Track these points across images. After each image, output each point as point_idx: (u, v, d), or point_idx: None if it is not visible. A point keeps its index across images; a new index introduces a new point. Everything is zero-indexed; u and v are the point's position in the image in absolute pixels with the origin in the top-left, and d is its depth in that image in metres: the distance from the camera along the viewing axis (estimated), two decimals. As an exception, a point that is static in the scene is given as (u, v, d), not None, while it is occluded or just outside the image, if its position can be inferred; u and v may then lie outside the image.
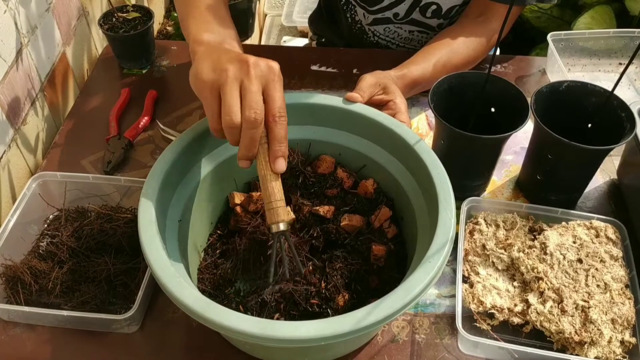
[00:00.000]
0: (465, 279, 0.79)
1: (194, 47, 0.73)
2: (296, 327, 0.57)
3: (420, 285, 0.60)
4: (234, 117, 0.62)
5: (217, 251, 0.80)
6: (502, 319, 0.75)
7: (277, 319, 0.70)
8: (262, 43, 2.11)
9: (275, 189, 0.64)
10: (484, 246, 0.81)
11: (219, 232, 0.83)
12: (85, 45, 1.22)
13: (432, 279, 0.61)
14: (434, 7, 1.09)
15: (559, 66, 1.06)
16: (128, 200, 0.88)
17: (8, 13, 0.93)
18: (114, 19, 1.12)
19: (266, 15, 2.20)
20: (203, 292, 0.74)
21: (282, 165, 0.64)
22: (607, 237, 0.81)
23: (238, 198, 0.80)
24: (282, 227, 0.65)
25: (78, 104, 1.10)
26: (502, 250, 0.80)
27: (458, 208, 0.70)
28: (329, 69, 1.15)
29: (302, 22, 2.02)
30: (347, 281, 0.74)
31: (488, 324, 0.75)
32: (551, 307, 0.74)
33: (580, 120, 0.85)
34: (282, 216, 0.64)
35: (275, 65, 0.65)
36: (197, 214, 0.78)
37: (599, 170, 0.88)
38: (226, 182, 0.82)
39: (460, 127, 0.80)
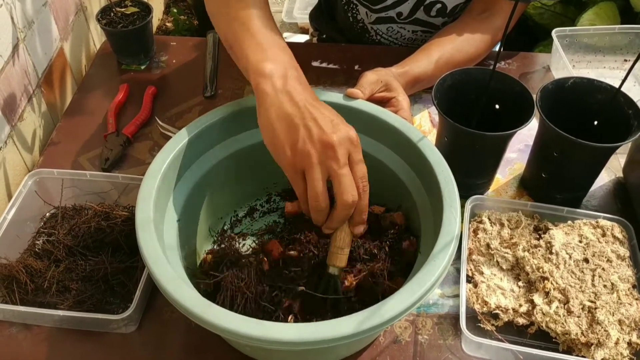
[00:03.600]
0: (469, 279, 0.78)
1: (257, 80, 0.68)
2: (298, 329, 0.56)
3: (425, 286, 0.59)
4: (322, 204, 0.65)
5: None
6: (506, 319, 0.74)
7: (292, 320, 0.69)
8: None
9: (346, 240, 0.68)
10: (488, 245, 0.80)
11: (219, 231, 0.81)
12: (83, 40, 1.21)
13: (438, 279, 0.60)
14: (438, 5, 1.07)
15: (563, 63, 1.04)
16: (126, 198, 0.87)
17: (4, 7, 0.92)
18: (112, 14, 1.11)
19: (266, 11, 2.19)
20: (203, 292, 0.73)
21: (361, 230, 0.68)
22: (614, 237, 0.80)
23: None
24: (337, 272, 0.69)
25: (75, 100, 1.09)
26: (507, 250, 0.79)
27: (462, 206, 0.69)
28: (330, 65, 1.14)
29: (303, 18, 2.01)
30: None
31: (492, 325, 0.74)
32: (557, 307, 0.72)
33: (586, 118, 0.84)
34: (340, 263, 0.69)
35: (353, 135, 0.65)
36: (197, 213, 0.77)
37: (604, 168, 0.87)
38: (226, 181, 0.80)
39: (464, 124, 0.79)
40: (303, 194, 0.66)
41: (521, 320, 0.74)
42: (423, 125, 1.02)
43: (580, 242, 0.79)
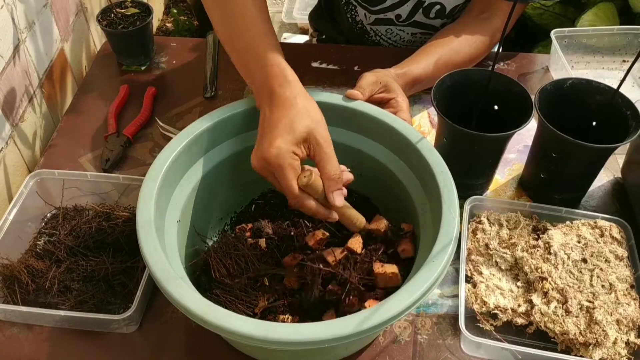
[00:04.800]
0: (468, 279, 0.78)
1: (261, 102, 0.73)
2: (298, 329, 0.56)
3: (425, 286, 0.59)
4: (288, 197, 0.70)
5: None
6: (505, 319, 0.74)
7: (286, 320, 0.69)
8: (262, 40, 2.10)
9: (344, 212, 0.73)
10: (487, 245, 0.80)
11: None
12: (83, 41, 1.21)
13: (437, 279, 0.60)
14: (437, 7, 1.07)
15: (562, 63, 1.05)
16: (126, 199, 0.87)
17: (5, 8, 0.92)
18: (112, 15, 1.11)
19: (266, 11, 2.19)
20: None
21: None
22: (612, 237, 0.80)
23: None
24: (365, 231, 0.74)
25: (76, 101, 1.09)
26: (506, 250, 0.79)
27: (461, 207, 0.69)
28: (330, 66, 1.14)
29: (303, 18, 2.01)
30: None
31: (491, 325, 0.74)
32: (555, 307, 0.73)
33: (585, 118, 0.84)
34: (361, 225, 0.74)
35: (268, 156, 0.67)
36: (197, 214, 0.77)
37: (603, 169, 0.87)
38: (226, 181, 0.81)
39: (463, 125, 0.80)
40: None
41: (520, 320, 0.74)
42: (422, 126, 1.02)
43: (579, 242, 0.79)
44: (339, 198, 0.70)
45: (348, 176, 0.74)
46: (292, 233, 0.75)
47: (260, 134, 0.70)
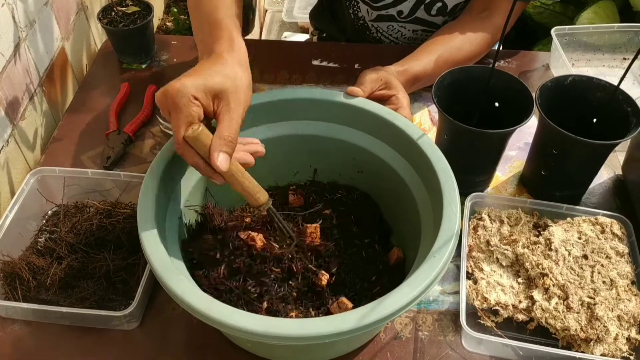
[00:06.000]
0: (469, 275, 0.78)
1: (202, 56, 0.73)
2: (300, 324, 0.56)
3: (426, 281, 0.59)
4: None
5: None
6: (506, 315, 0.74)
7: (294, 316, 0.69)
8: (263, 39, 2.10)
9: (242, 175, 0.68)
10: (488, 242, 0.81)
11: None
12: (84, 39, 1.21)
13: (438, 275, 0.60)
14: (439, 4, 1.08)
15: (563, 61, 1.05)
16: (127, 196, 0.87)
17: (6, 7, 0.92)
18: (113, 13, 1.11)
19: (267, 11, 2.19)
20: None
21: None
22: (613, 233, 0.80)
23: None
24: (263, 210, 0.71)
25: (77, 99, 1.09)
26: (507, 246, 0.79)
27: (462, 204, 0.69)
28: (331, 64, 1.14)
29: (303, 17, 2.01)
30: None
31: (492, 321, 0.75)
32: (556, 303, 0.73)
33: (586, 115, 0.84)
34: (262, 199, 0.70)
35: (168, 90, 0.64)
36: (198, 211, 0.77)
37: (603, 166, 0.87)
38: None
39: (463, 122, 0.80)
40: None
41: (521, 317, 0.74)
42: (423, 123, 1.02)
43: (580, 238, 0.80)
44: (221, 159, 0.63)
45: (255, 148, 0.71)
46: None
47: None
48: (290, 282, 0.71)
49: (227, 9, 0.76)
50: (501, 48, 1.18)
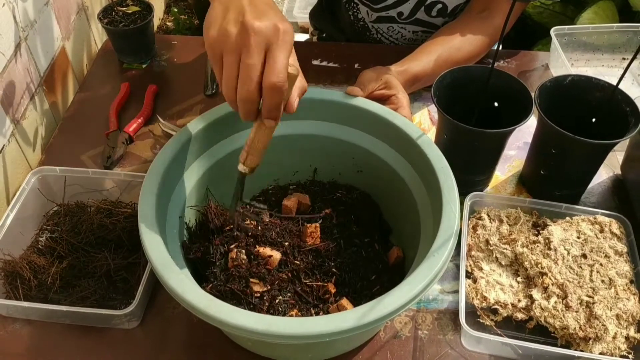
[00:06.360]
0: (469, 275, 0.79)
1: None
2: (300, 323, 0.57)
3: (425, 280, 0.59)
4: (231, 93, 0.61)
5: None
6: (505, 314, 0.75)
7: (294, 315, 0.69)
8: (263, 39, 2.10)
9: (255, 138, 0.65)
10: (487, 241, 0.81)
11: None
12: (84, 39, 1.22)
13: (438, 274, 0.60)
14: (439, 6, 1.08)
15: (562, 61, 1.05)
16: (128, 195, 0.88)
17: (7, 7, 0.92)
18: (113, 13, 1.11)
19: (266, 11, 2.19)
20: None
21: (271, 124, 0.62)
22: (612, 232, 0.81)
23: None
24: (247, 171, 0.67)
25: (77, 99, 1.09)
26: (506, 246, 0.80)
27: (461, 203, 0.70)
28: (330, 64, 1.14)
29: (303, 17, 2.01)
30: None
31: (491, 320, 0.75)
32: (555, 302, 0.73)
33: (585, 115, 0.85)
34: (251, 163, 0.66)
35: (282, 26, 0.59)
36: (199, 210, 0.77)
37: (602, 165, 0.87)
38: (228, 178, 0.81)
39: (463, 122, 0.80)
40: (220, 78, 0.62)
41: (520, 315, 0.74)
42: (423, 123, 1.03)
43: (579, 238, 0.80)
44: (296, 103, 0.63)
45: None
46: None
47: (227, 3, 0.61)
48: (292, 283, 0.71)
49: None
50: (501, 48, 1.18)
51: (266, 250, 0.71)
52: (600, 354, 0.70)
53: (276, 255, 0.71)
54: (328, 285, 0.71)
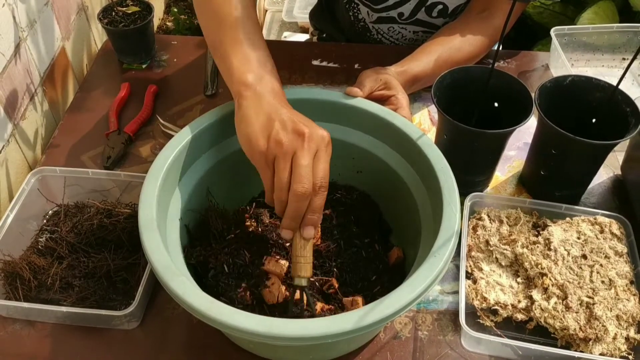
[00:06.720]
0: (469, 275, 0.79)
1: (240, 90, 0.70)
2: (302, 325, 0.56)
3: (426, 281, 0.59)
4: (283, 194, 0.64)
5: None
6: (505, 315, 0.75)
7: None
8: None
9: (304, 247, 0.67)
10: (487, 242, 0.81)
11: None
12: (84, 39, 1.22)
13: (439, 274, 0.60)
14: (440, 6, 1.08)
15: (562, 61, 1.05)
16: (128, 196, 0.88)
17: (6, 7, 0.92)
18: (113, 13, 1.11)
19: (267, 11, 2.19)
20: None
21: (310, 232, 0.66)
22: (612, 233, 0.81)
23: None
24: (303, 282, 0.67)
25: (77, 99, 1.09)
26: (506, 246, 0.80)
27: (461, 204, 0.70)
28: (330, 64, 1.14)
29: (303, 17, 2.01)
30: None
31: (491, 321, 0.75)
32: (555, 303, 0.73)
33: (585, 115, 0.85)
34: (304, 272, 0.67)
35: (326, 135, 0.66)
36: (199, 211, 0.77)
37: (602, 166, 0.87)
38: (228, 179, 0.81)
39: (463, 122, 0.80)
40: (271, 185, 0.66)
41: (520, 316, 0.74)
42: (423, 124, 1.03)
43: (579, 238, 0.80)
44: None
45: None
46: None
47: (273, 110, 0.67)
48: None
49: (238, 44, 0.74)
50: (501, 48, 1.18)
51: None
52: (601, 354, 0.70)
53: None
54: (332, 280, 0.71)
